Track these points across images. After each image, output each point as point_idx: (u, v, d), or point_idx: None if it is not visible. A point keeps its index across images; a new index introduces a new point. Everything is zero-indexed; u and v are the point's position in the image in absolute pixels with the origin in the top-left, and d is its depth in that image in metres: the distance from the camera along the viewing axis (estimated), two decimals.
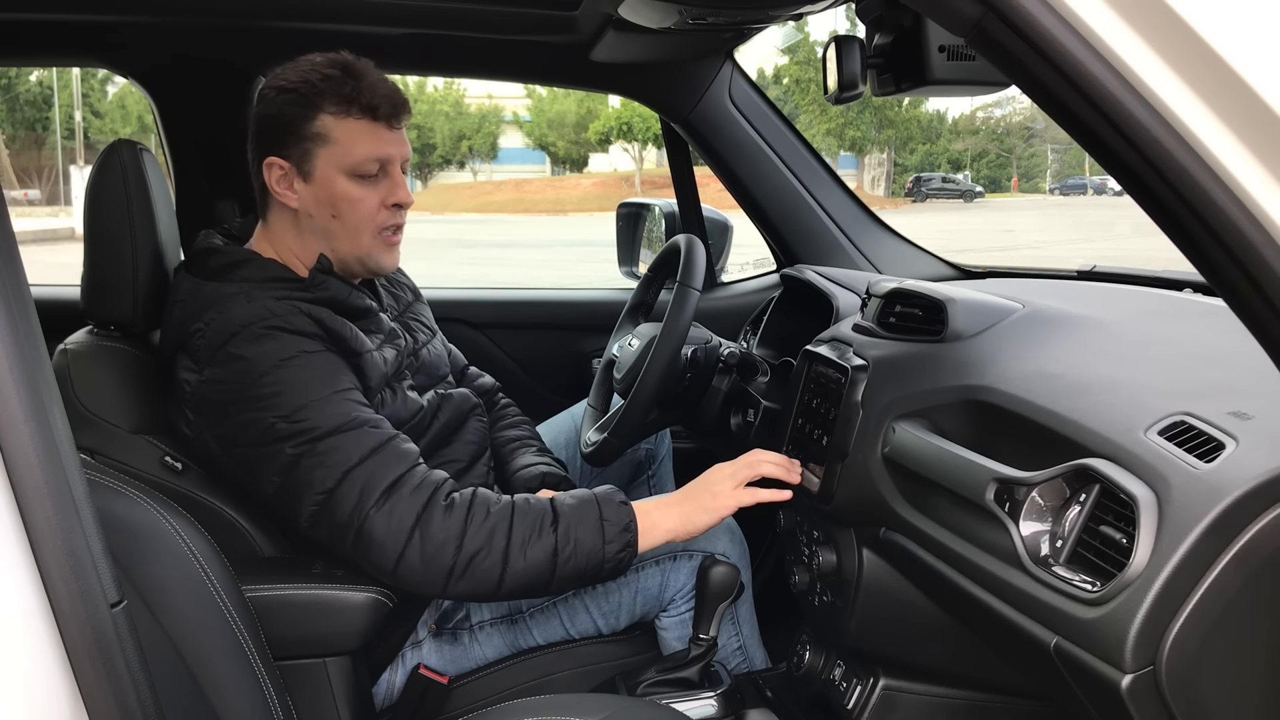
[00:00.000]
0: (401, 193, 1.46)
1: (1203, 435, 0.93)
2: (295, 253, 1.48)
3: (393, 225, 1.48)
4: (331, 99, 1.40)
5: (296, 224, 1.47)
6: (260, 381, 1.32)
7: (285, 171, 1.44)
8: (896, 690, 1.44)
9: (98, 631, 0.73)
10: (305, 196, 1.44)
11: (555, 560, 1.31)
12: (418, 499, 1.29)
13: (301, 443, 1.30)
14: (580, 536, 1.32)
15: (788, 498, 1.44)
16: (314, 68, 1.42)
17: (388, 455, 1.31)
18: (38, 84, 28.51)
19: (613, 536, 1.33)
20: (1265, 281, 0.66)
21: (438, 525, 1.29)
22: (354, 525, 1.29)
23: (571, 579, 1.34)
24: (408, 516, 1.28)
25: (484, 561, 1.29)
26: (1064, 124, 0.72)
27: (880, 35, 1.16)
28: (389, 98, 1.43)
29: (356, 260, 1.48)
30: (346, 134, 1.41)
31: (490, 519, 1.31)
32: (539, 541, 1.31)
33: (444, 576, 1.29)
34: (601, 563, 1.33)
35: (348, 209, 1.44)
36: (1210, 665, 0.87)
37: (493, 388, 1.84)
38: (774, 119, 2.17)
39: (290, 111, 1.41)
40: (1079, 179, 33.95)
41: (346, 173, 1.42)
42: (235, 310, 1.36)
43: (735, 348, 1.74)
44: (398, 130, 1.45)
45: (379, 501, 1.28)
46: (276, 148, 1.43)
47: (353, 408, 1.34)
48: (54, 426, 0.73)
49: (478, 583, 1.30)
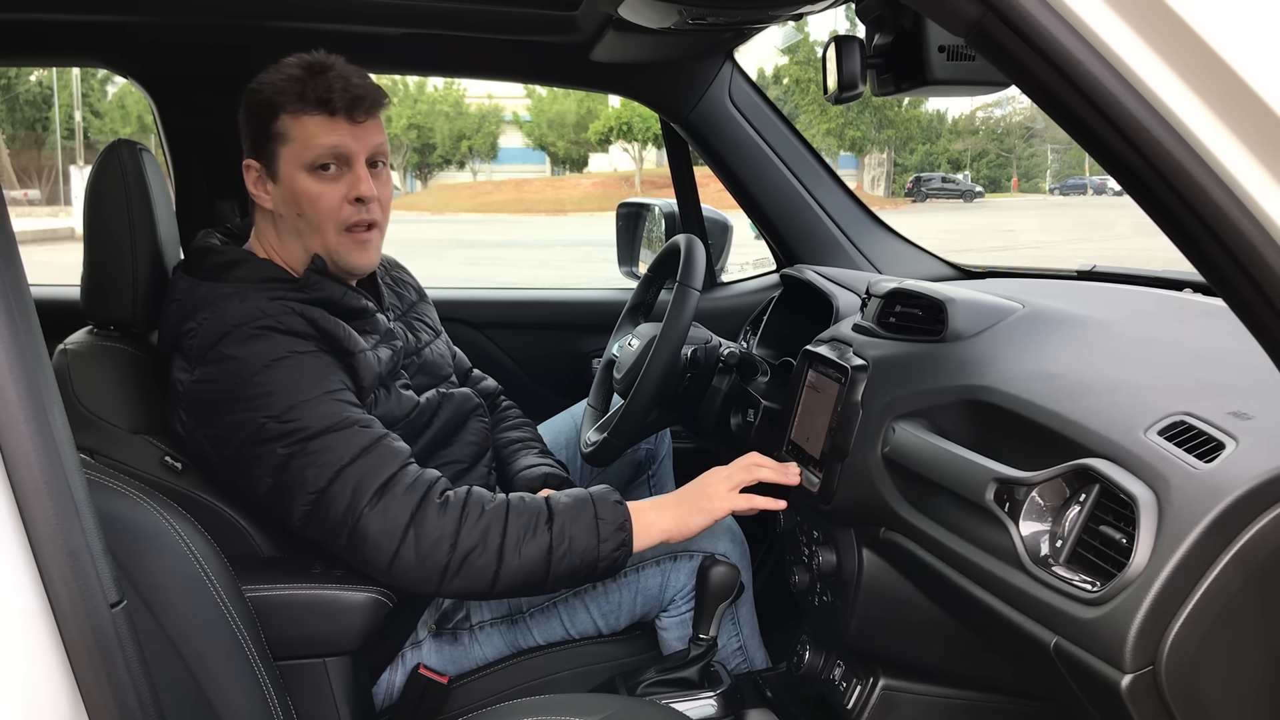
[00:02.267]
0: (363, 186, 1.42)
1: (1203, 435, 0.93)
2: (278, 252, 1.49)
3: (359, 222, 1.44)
4: (289, 98, 1.41)
5: (274, 224, 1.48)
6: (251, 381, 1.32)
7: (259, 174, 1.46)
8: (896, 690, 1.44)
9: (98, 631, 0.73)
10: (275, 197, 1.45)
11: (550, 558, 1.31)
12: (412, 497, 1.30)
13: (292, 443, 1.30)
14: (575, 534, 1.33)
15: (782, 506, 1.45)
16: (281, 68, 1.43)
17: (380, 454, 1.32)
18: (38, 84, 28.51)
19: (607, 535, 1.34)
20: (1265, 281, 0.66)
21: (432, 523, 1.29)
22: (348, 524, 1.29)
23: (566, 577, 1.34)
24: (402, 514, 1.29)
25: (479, 559, 1.29)
26: (1064, 124, 0.72)
27: (880, 35, 1.16)
28: (345, 91, 1.39)
29: (329, 258, 1.46)
30: (302, 130, 1.41)
31: (485, 516, 1.31)
32: (534, 539, 1.31)
33: (439, 574, 1.29)
34: (596, 561, 1.34)
35: (309, 206, 1.42)
36: (1210, 665, 0.87)
37: (495, 391, 1.84)
38: (774, 119, 2.17)
39: (257, 114, 1.43)
40: (1079, 179, 33.93)
41: (305, 169, 1.42)
42: (228, 310, 1.36)
43: (735, 348, 1.73)
44: (360, 124, 1.42)
45: (373, 500, 1.28)
46: (251, 150, 1.46)
47: (343, 408, 1.34)
48: (54, 426, 0.73)
49: (472, 580, 1.30)
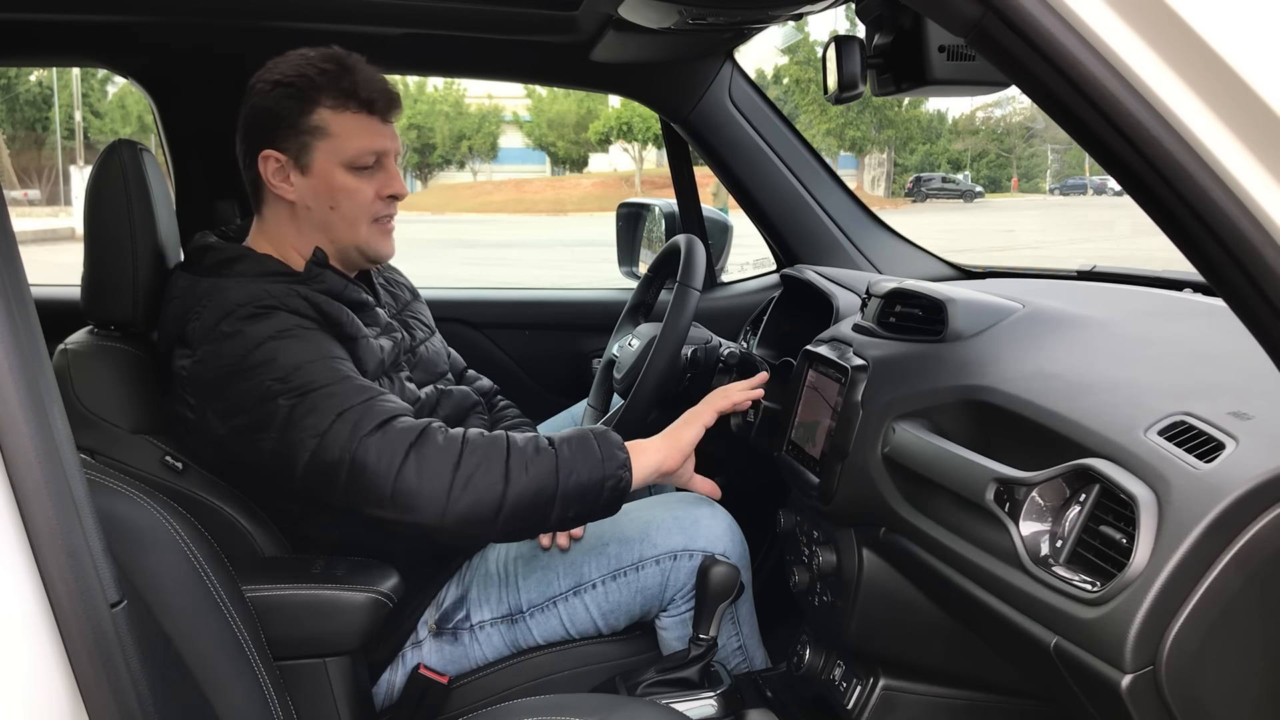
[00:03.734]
0: (397, 184, 1.50)
1: (1203, 435, 0.93)
2: (293, 245, 1.49)
3: (386, 215, 1.52)
4: (329, 93, 1.42)
5: (294, 216, 1.48)
6: (255, 352, 1.32)
7: (282, 164, 1.45)
8: (896, 690, 1.44)
9: (98, 631, 0.73)
10: (303, 189, 1.45)
11: (557, 476, 1.28)
12: (411, 429, 1.29)
13: (295, 395, 1.30)
14: (578, 455, 1.31)
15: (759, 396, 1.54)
16: (309, 62, 1.44)
17: (381, 402, 1.32)
18: (38, 84, 28.51)
19: (608, 455, 1.32)
20: (1265, 281, 0.66)
21: (433, 447, 1.27)
22: (347, 457, 1.26)
23: (573, 501, 1.30)
24: (400, 441, 1.27)
25: (484, 476, 1.26)
26: (1064, 124, 0.72)
27: (880, 35, 1.16)
28: (384, 93, 1.46)
29: (355, 249, 1.51)
30: (344, 127, 1.44)
31: (486, 440, 1.30)
32: (538, 458, 1.29)
33: (444, 494, 1.25)
34: (602, 481, 1.30)
35: (346, 200, 1.46)
36: (1210, 665, 0.87)
37: (491, 390, 1.84)
38: (774, 119, 2.17)
39: (287, 105, 1.43)
40: (1079, 179, 33.92)
41: (345, 165, 1.45)
42: (231, 292, 1.37)
43: (735, 348, 1.74)
44: (390, 124, 1.49)
45: (371, 432, 1.27)
46: (272, 141, 1.44)
47: (347, 370, 1.35)
48: (54, 426, 0.73)
49: (479, 500, 1.26)
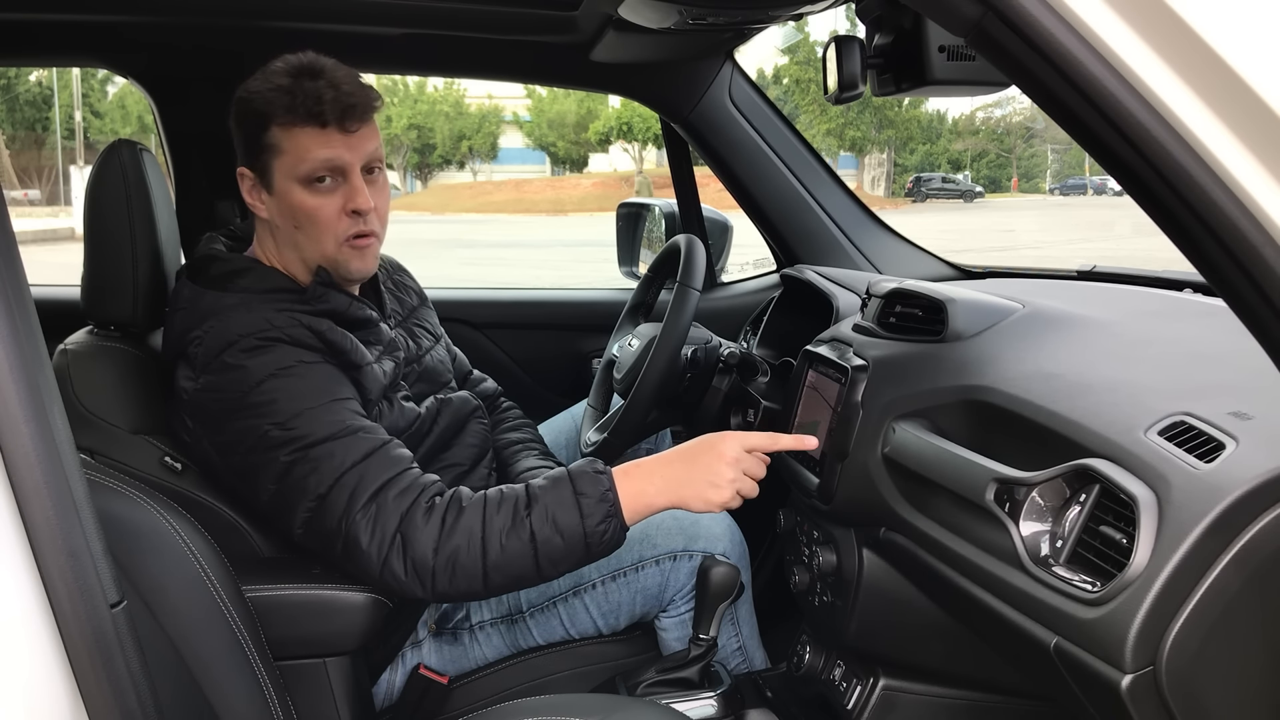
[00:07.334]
0: (360, 198, 1.39)
1: (1203, 435, 0.93)
2: (277, 260, 1.47)
3: (357, 232, 1.42)
4: (279, 109, 1.37)
5: (271, 233, 1.46)
6: (256, 390, 1.31)
7: (253, 182, 1.43)
8: (896, 690, 1.44)
9: (98, 631, 0.73)
10: (270, 207, 1.43)
11: (535, 545, 1.28)
12: (402, 503, 1.28)
13: (295, 450, 1.29)
14: (558, 516, 1.28)
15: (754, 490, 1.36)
16: (269, 76, 1.39)
17: (380, 459, 1.31)
18: (38, 84, 28.50)
19: (590, 510, 1.29)
20: (1265, 281, 0.66)
21: (419, 531, 1.27)
22: (340, 532, 1.28)
23: (561, 560, 1.30)
24: (390, 522, 1.27)
25: (464, 558, 1.27)
26: (1064, 124, 0.72)
27: (880, 35, 1.16)
28: (336, 101, 1.36)
29: (330, 268, 1.45)
30: (295, 143, 1.37)
31: (464, 516, 1.29)
32: (514, 531, 1.28)
33: (429, 580, 1.28)
34: (585, 538, 1.29)
35: (306, 219, 1.40)
36: (1210, 665, 0.87)
37: (495, 393, 1.84)
38: (774, 119, 2.17)
39: (248, 124, 1.40)
40: (1079, 179, 33.91)
41: (300, 182, 1.38)
42: (234, 320, 1.35)
43: (735, 348, 1.73)
44: (353, 133, 1.38)
45: (365, 506, 1.28)
46: (244, 159, 1.43)
47: (348, 415, 1.33)
48: (54, 426, 0.73)
49: (461, 582, 1.28)
